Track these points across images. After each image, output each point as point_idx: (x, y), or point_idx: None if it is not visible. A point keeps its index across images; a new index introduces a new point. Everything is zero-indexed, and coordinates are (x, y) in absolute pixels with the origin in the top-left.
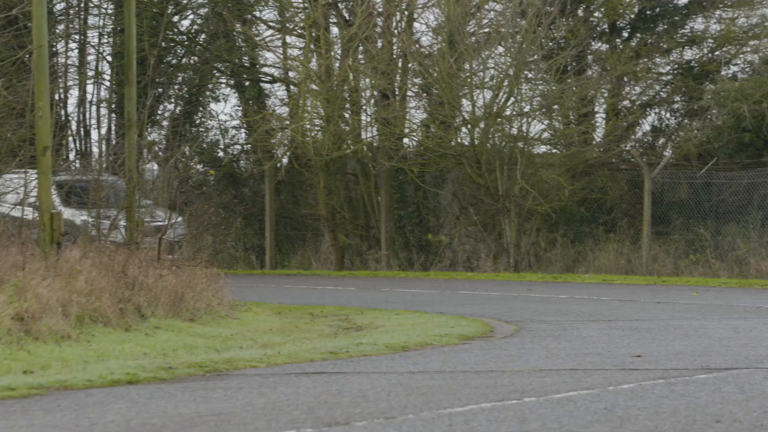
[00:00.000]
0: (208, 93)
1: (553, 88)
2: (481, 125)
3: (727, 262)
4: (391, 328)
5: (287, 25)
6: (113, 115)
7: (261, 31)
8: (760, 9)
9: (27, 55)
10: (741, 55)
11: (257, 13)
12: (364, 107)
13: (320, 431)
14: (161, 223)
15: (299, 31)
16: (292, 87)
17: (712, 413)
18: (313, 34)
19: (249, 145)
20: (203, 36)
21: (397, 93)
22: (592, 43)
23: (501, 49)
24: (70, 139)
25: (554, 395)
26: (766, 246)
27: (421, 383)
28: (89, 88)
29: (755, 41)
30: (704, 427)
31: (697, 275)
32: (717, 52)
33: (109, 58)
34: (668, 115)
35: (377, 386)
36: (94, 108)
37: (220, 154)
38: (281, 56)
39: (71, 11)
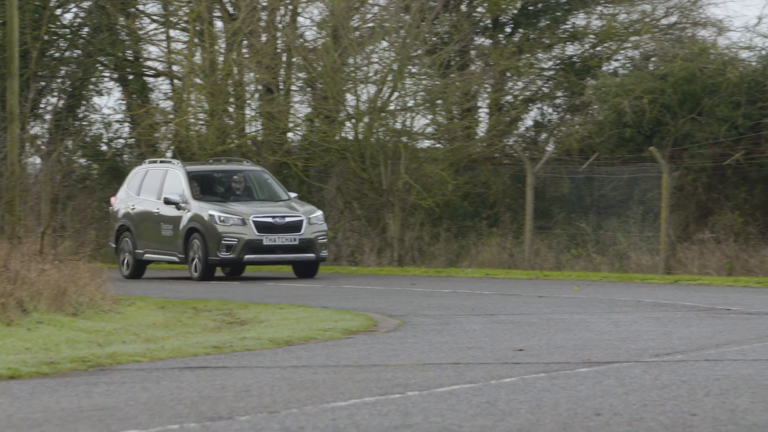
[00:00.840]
0: (91, 86)
1: (437, 83)
2: (365, 120)
3: (608, 256)
4: (275, 323)
5: (171, 18)
6: None
7: (145, 25)
8: (641, 5)
9: None
10: (622, 51)
11: (141, 7)
12: (248, 101)
13: (204, 426)
14: (297, 219)
15: (183, 24)
16: (176, 81)
17: (592, 406)
18: (197, 28)
19: (133, 139)
20: (86, 29)
21: (281, 87)
22: (475, 38)
23: (385, 43)
24: None
25: (437, 389)
26: (646, 240)
27: (304, 377)
28: None
29: (636, 37)
30: (585, 420)
31: (578, 269)
32: (598, 48)
33: None
34: (550, 110)
35: (261, 381)
36: None
37: (104, 147)
38: (165, 50)
39: None
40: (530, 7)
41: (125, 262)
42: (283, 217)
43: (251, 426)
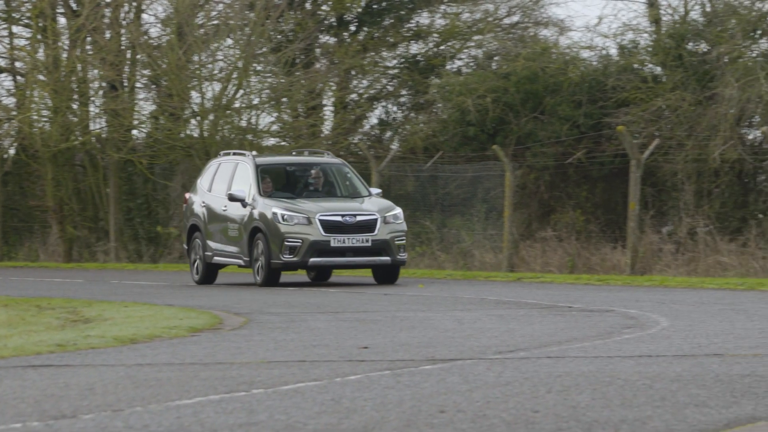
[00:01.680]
0: None
1: (282, 80)
2: (211, 117)
3: (452, 254)
4: (120, 321)
5: (13, 14)
6: None
7: None
8: (483, 4)
9: None
10: (465, 50)
11: None
12: (92, 98)
13: (47, 424)
14: (370, 218)
15: (26, 20)
16: (18, 77)
17: (436, 403)
18: (40, 24)
19: None
20: None
21: (125, 84)
22: (320, 36)
23: (230, 41)
24: None
25: (282, 387)
26: (489, 238)
27: (149, 376)
28: None
29: (479, 36)
30: (429, 417)
31: (423, 267)
32: (442, 47)
33: None
34: (395, 108)
35: (105, 379)
36: None
37: None
38: (8, 46)
39: None
40: (374, 6)
41: (196, 265)
42: (354, 215)
43: (95, 424)
